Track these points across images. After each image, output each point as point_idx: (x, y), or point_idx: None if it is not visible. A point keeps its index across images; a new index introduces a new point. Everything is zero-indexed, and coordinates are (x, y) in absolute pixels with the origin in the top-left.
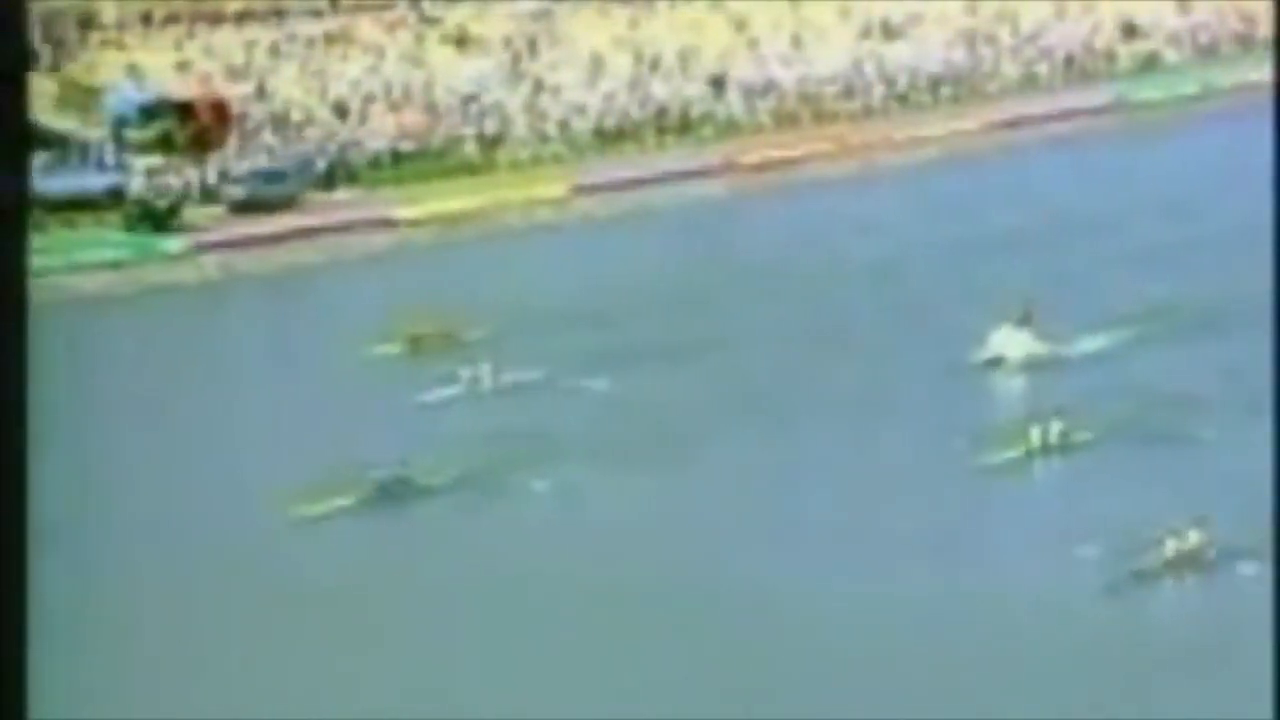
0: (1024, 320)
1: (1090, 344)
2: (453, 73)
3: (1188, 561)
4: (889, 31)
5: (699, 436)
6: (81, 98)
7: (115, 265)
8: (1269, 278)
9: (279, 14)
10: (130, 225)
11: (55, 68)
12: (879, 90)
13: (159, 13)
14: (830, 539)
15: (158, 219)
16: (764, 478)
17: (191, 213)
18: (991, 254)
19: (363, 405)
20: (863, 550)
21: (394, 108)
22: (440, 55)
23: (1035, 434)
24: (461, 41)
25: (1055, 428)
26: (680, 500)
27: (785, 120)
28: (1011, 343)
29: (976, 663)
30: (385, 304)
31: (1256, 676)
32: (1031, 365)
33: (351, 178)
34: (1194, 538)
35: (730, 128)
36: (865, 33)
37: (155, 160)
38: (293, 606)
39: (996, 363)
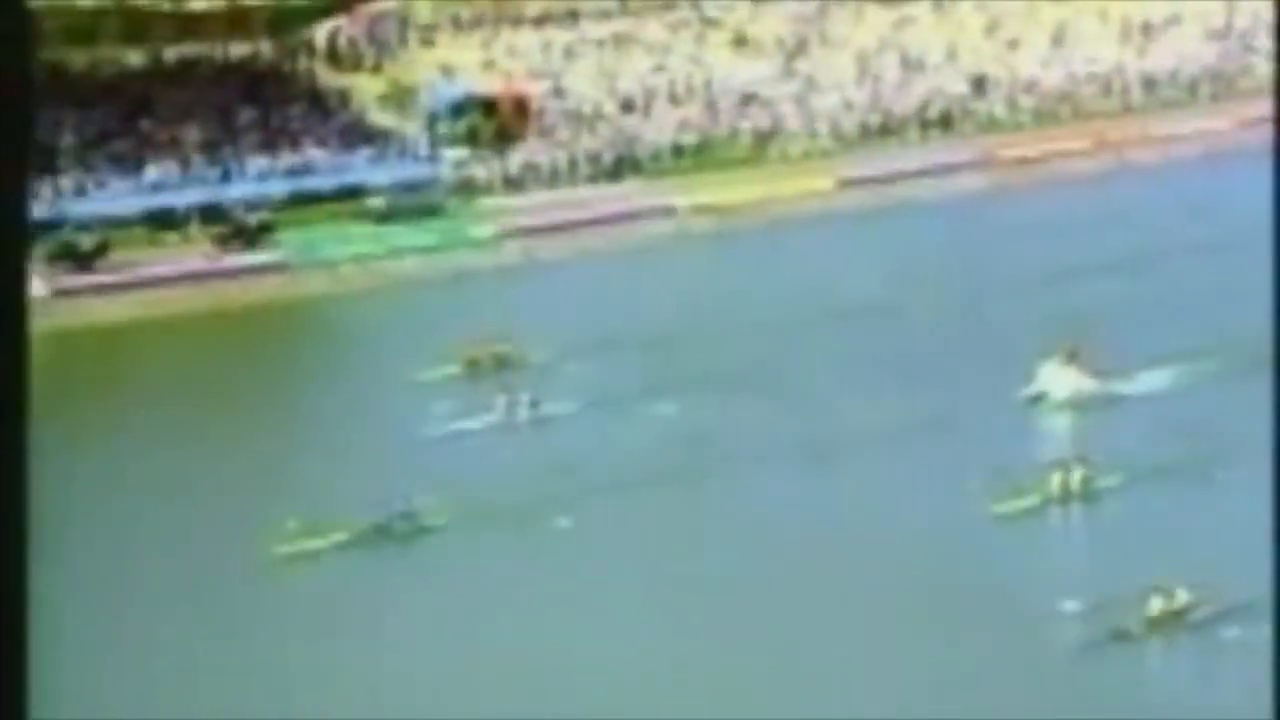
0: (1072, 355)
1: (1151, 381)
2: (730, 71)
3: (1172, 622)
4: (1148, 32)
5: None
6: (401, 95)
7: (428, 250)
8: None
9: (573, 16)
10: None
11: (378, 67)
12: (1137, 89)
13: (467, 15)
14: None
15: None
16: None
17: (490, 203)
18: (1235, 250)
19: (394, 431)
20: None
21: (676, 104)
22: (719, 55)
23: (1055, 480)
24: (739, 42)
25: (1077, 474)
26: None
27: (1045, 118)
28: (1056, 379)
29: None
30: (661, 289)
31: None
32: (1078, 404)
33: (636, 169)
34: (1182, 597)
35: (990, 124)
36: (1125, 34)
37: (462, 153)
38: (284, 636)
39: (1039, 399)
